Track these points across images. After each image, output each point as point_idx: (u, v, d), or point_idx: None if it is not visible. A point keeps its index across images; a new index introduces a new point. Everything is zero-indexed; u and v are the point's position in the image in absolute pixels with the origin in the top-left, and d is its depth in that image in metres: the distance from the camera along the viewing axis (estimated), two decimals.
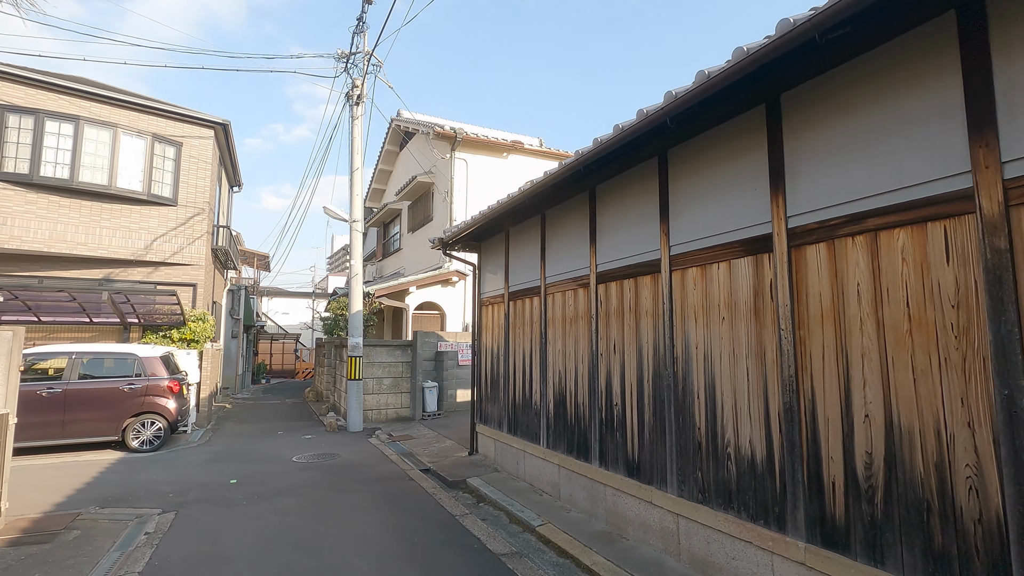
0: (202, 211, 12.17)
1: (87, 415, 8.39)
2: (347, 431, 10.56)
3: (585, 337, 5.49)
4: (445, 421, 11.12)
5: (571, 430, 5.62)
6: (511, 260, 7.32)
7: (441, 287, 13.58)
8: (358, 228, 11.00)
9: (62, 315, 10.32)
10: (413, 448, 8.81)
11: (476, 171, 14.21)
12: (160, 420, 8.80)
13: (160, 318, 10.99)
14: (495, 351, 7.68)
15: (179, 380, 9.21)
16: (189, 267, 11.96)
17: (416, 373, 11.58)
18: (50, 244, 10.48)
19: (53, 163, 10.45)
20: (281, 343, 31.37)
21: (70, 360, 8.48)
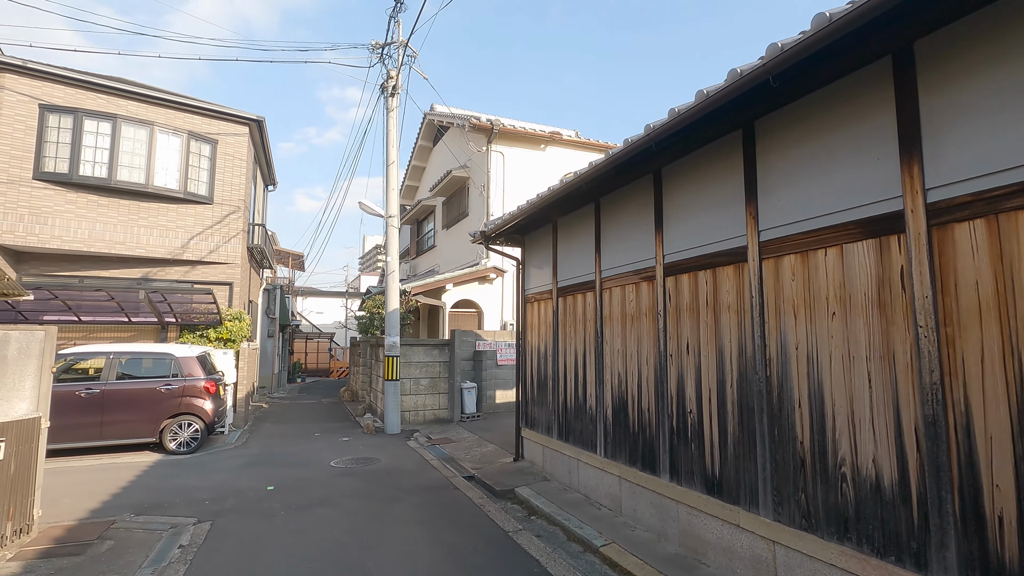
0: (237, 209, 12.02)
1: (125, 416, 8.24)
2: (384, 433, 10.22)
3: (650, 336, 4.94)
4: (485, 423, 10.69)
5: (634, 439, 5.08)
6: (560, 253, 6.81)
7: (478, 284, 13.16)
8: (394, 224, 10.65)
9: (101, 315, 10.27)
10: (454, 453, 8.39)
11: (513, 164, 13.74)
12: (197, 422, 8.60)
13: (197, 317, 10.87)
14: (542, 351, 7.18)
15: (216, 380, 9.01)
16: (225, 266, 11.82)
17: (454, 373, 11.18)
18: (89, 243, 10.45)
19: (92, 162, 10.41)
20: (316, 342, 31.56)
21: (108, 360, 8.34)
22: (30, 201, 10.02)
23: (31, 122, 10.11)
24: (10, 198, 9.87)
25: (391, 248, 10.64)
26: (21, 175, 9.98)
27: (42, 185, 10.14)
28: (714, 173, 4.22)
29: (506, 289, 13.55)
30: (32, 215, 10.02)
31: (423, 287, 12.24)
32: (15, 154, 9.95)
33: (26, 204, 9.99)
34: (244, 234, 12.39)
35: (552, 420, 6.74)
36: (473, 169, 13.90)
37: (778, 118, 3.66)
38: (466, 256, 14.33)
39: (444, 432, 10.11)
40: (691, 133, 4.06)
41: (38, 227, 10.06)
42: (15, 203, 9.90)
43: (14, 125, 9.97)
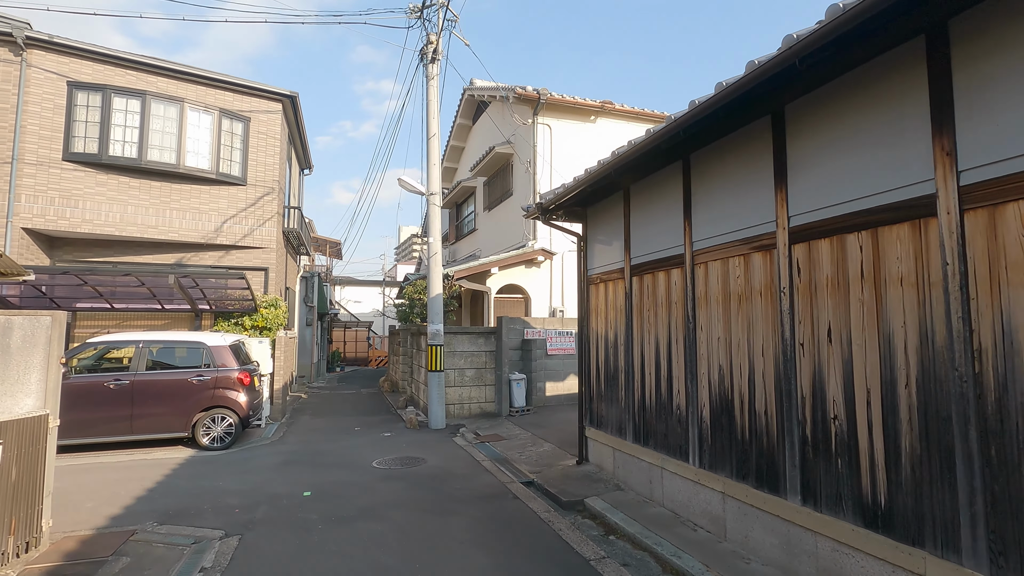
0: (272, 190, 11.42)
1: (155, 409, 7.70)
2: (428, 428, 9.47)
3: (768, 320, 3.92)
4: (536, 418, 9.82)
5: (743, 448, 4.09)
6: (633, 225, 5.81)
7: (525, 268, 12.24)
8: (436, 201, 9.82)
9: (134, 302, 9.83)
10: (507, 453, 7.54)
11: (561, 138, 12.70)
12: (231, 415, 8.01)
13: (231, 304, 10.33)
14: (611, 339, 6.22)
15: (250, 371, 8.40)
16: (260, 250, 11.25)
17: (501, 364, 10.32)
18: (121, 227, 10.00)
19: (121, 142, 9.92)
20: (354, 331, 31.37)
21: (137, 349, 7.81)
22: (60, 183, 9.61)
23: (59, 101, 9.66)
24: (40, 180, 9.46)
25: (433, 228, 9.82)
26: (50, 156, 9.56)
27: (72, 167, 9.71)
28: (868, 103, 3.16)
29: (555, 273, 12.59)
30: (62, 198, 9.61)
31: (466, 271, 11.41)
32: (44, 134, 9.53)
33: (56, 187, 9.57)
34: (279, 217, 11.79)
35: (625, 420, 5.79)
36: (518, 145, 12.93)
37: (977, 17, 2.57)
38: (510, 239, 13.42)
39: (493, 428, 9.28)
40: (836, 54, 3.00)
41: (68, 210, 9.64)
42: (45, 185, 9.49)
43: (42, 104, 9.54)
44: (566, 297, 12.57)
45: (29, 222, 9.30)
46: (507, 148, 13.18)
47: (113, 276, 8.32)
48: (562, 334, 11.26)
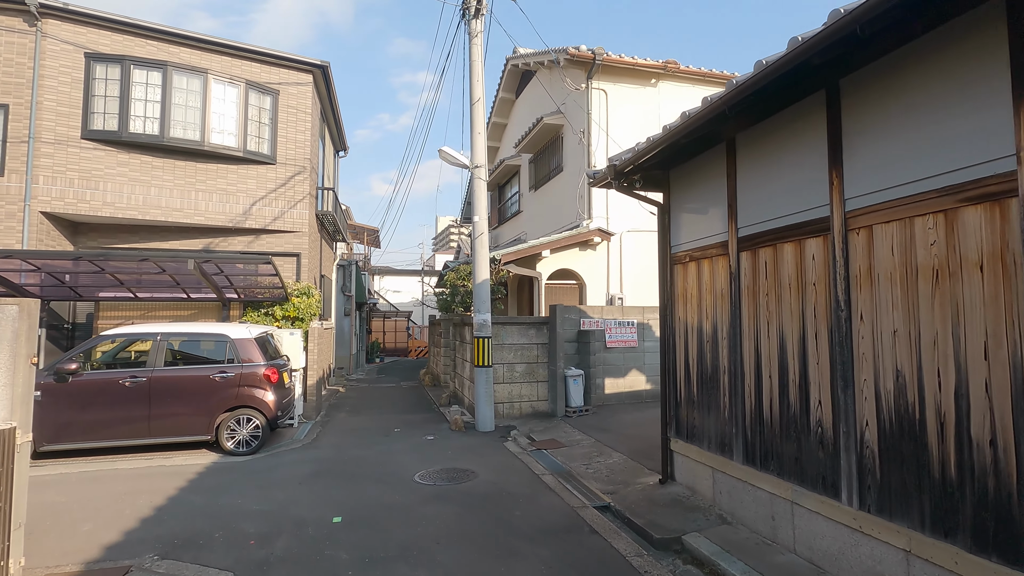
0: (303, 169, 10.53)
1: (175, 409, 6.90)
2: (475, 431, 8.43)
3: (991, 306, 2.62)
4: (597, 420, 8.64)
5: (945, 491, 2.81)
6: (741, 185, 4.53)
7: (579, 251, 11.01)
8: (481, 175, 8.68)
9: (159, 291, 9.13)
10: (570, 464, 6.41)
11: (618, 104, 11.34)
12: (257, 416, 7.14)
13: (261, 293, 9.51)
14: (707, 332, 4.97)
15: (278, 367, 7.52)
16: (291, 234, 10.40)
17: (556, 357, 9.17)
18: (144, 211, 9.28)
19: (142, 117, 9.17)
20: (393, 321, 30.82)
21: (155, 343, 7.01)
22: (79, 164, 8.93)
23: (77, 74, 8.96)
24: (58, 160, 8.80)
25: (478, 205, 8.70)
26: (69, 135, 8.88)
27: (91, 145, 9.01)
28: None
29: (612, 256, 11.29)
30: (82, 179, 8.93)
31: (514, 254, 10.27)
32: (61, 111, 8.85)
33: (75, 167, 8.90)
34: (311, 199, 10.91)
35: (731, 433, 4.55)
36: (569, 114, 11.64)
37: None
38: (560, 219, 12.20)
39: (548, 431, 8.16)
40: None
41: (89, 192, 8.97)
42: (64, 166, 8.83)
43: (59, 78, 8.85)
44: (625, 283, 11.28)
45: (48, 205, 8.66)
46: (557, 118, 11.91)
47: (130, 261, 7.56)
48: (622, 324, 10.02)
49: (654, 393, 10.18)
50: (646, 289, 11.32)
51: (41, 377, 6.64)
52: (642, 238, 11.38)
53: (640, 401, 10.07)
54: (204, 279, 7.97)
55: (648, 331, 10.23)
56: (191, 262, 7.19)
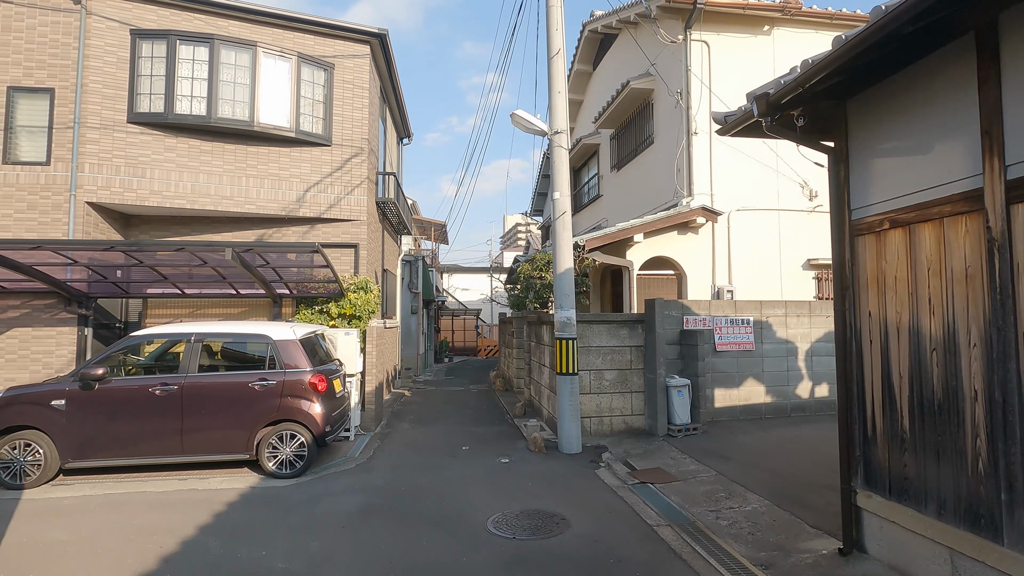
0: (361, 151, 9.46)
1: (209, 422, 5.90)
2: (559, 452, 6.94)
3: None
4: (710, 443, 6.92)
5: None
6: (1010, 94, 2.75)
7: (678, 234, 9.25)
8: (561, 142, 7.18)
9: (207, 287, 8.32)
10: (690, 507, 4.80)
11: (722, 58, 9.46)
12: (302, 432, 6.02)
13: (314, 288, 8.50)
14: (931, 333, 3.21)
15: (327, 373, 6.38)
16: (348, 223, 9.36)
17: (655, 363, 7.50)
18: (193, 199, 8.51)
19: (188, 96, 8.40)
20: (462, 319, 29.95)
21: (188, 346, 6.04)
22: (125, 150, 8.26)
23: (123, 53, 8.30)
24: (104, 147, 8.16)
25: (559, 178, 7.20)
26: (115, 119, 8.22)
27: (138, 130, 8.32)
28: None
29: (718, 241, 9.42)
30: (128, 166, 8.26)
31: (600, 239, 8.67)
32: (107, 93, 8.21)
33: (121, 153, 8.24)
34: (370, 184, 9.83)
35: (994, 500, 2.79)
36: (662, 75, 9.89)
37: None
38: (649, 201, 10.46)
39: (650, 456, 6.55)
40: None
41: (136, 181, 8.28)
42: (110, 152, 8.18)
43: (104, 58, 8.21)
44: (735, 272, 9.39)
45: (94, 195, 8.04)
46: (646, 82, 10.18)
47: (167, 251, 6.68)
48: (735, 323, 8.19)
49: (776, 408, 8.28)
50: (760, 280, 9.40)
51: (66, 383, 5.84)
52: (755, 219, 9.46)
53: (758, 417, 8.21)
54: (248, 272, 6.99)
55: (767, 331, 8.33)
56: (229, 251, 6.18)
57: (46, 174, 7.94)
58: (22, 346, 7.76)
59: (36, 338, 7.80)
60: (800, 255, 9.63)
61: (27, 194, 7.87)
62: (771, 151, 9.30)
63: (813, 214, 9.63)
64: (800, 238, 9.60)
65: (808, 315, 8.50)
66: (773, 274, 9.46)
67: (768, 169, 9.44)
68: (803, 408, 8.36)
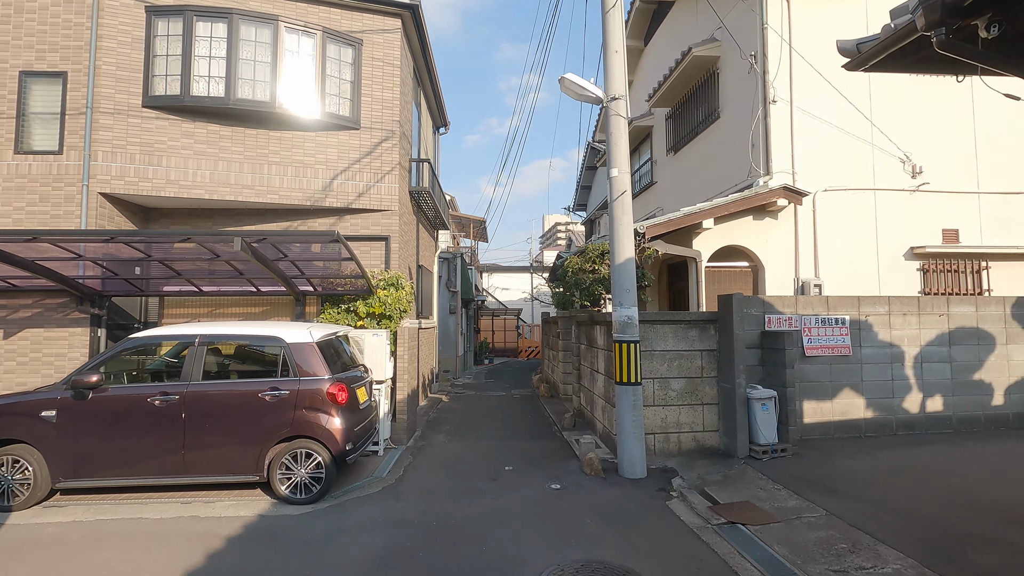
0: (392, 134, 8.61)
1: (214, 438, 5.10)
2: (619, 477, 5.85)
3: None
4: (807, 468, 5.68)
5: None
6: None
7: (753, 220, 7.98)
8: (619, 109, 6.09)
9: (227, 284, 7.62)
10: (804, 563, 3.64)
11: (804, 15, 8.12)
12: (319, 450, 5.16)
13: (341, 284, 7.68)
14: None
15: (348, 382, 5.50)
16: (379, 214, 8.52)
17: (733, 370, 6.31)
18: (212, 188, 7.83)
19: (206, 77, 7.72)
20: (502, 319, 29.04)
21: (191, 350, 5.26)
22: (140, 136, 7.64)
23: (137, 32, 7.69)
24: (118, 133, 7.57)
25: (616, 152, 6.12)
26: (129, 103, 7.62)
27: (153, 114, 7.70)
28: None
29: (802, 226, 8.07)
30: (143, 154, 7.64)
31: (663, 225, 7.50)
32: (122, 76, 7.61)
33: (136, 140, 7.63)
34: (402, 172, 8.97)
35: None
36: (732, 35, 8.61)
37: None
38: (714, 184, 9.20)
39: (732, 484, 5.38)
40: None
41: (151, 169, 7.65)
42: (124, 139, 7.58)
43: (119, 38, 7.62)
44: (823, 264, 8.03)
45: (107, 185, 7.46)
46: (711, 48, 8.94)
47: (172, 241, 5.94)
48: (827, 323, 6.90)
49: (878, 424, 6.94)
50: (853, 272, 8.04)
51: (57, 391, 5.14)
52: (845, 201, 8.08)
53: (857, 435, 6.89)
54: (263, 266, 6.19)
55: (866, 332, 6.99)
56: (238, 241, 5.37)
57: (58, 163, 7.40)
58: (34, 348, 7.23)
59: (48, 339, 7.26)
60: (901, 242, 8.18)
61: (39, 185, 7.35)
62: (864, 119, 7.90)
63: (917, 194, 8.15)
64: (901, 222, 8.16)
65: (917, 313, 7.10)
66: (868, 265, 8.06)
67: (861, 142, 8.04)
68: (911, 425, 6.98)
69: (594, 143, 18.99)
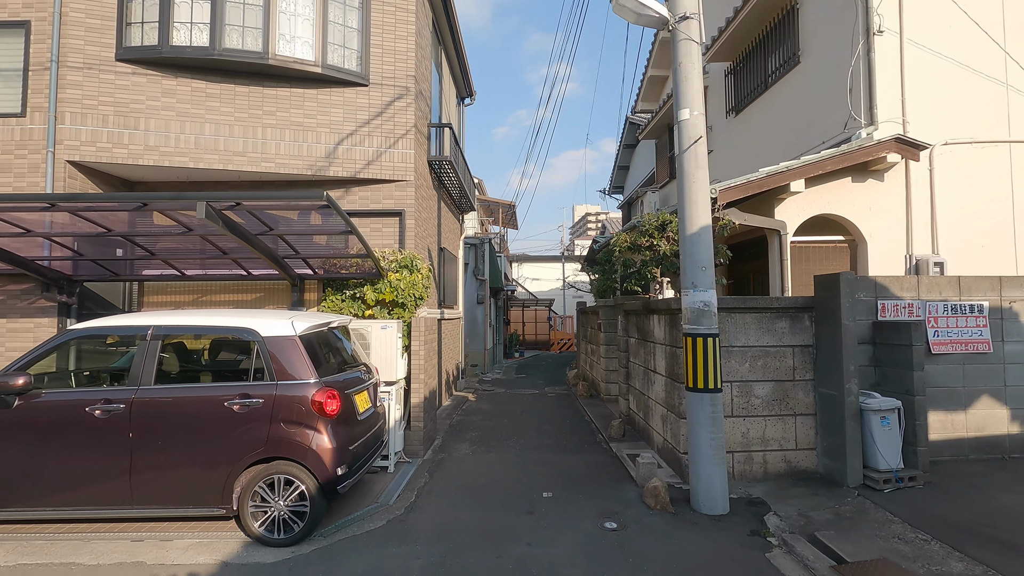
0: (406, 91, 7.33)
1: (168, 459, 3.94)
2: (695, 512, 4.47)
3: None
4: (952, 505, 4.20)
5: None
6: None
7: (851, 182, 6.41)
8: (690, 31, 4.67)
9: (214, 268, 6.50)
10: None
11: None
12: (302, 476, 3.94)
13: (347, 267, 6.47)
14: None
15: (344, 386, 4.27)
16: (390, 185, 7.27)
17: (839, 372, 4.85)
18: (197, 156, 6.71)
19: (188, 24, 6.58)
20: (533, 310, 27.69)
21: (141, 345, 4.10)
22: (114, 94, 6.56)
23: None
24: (89, 92, 6.50)
25: (688, 90, 4.70)
26: (101, 56, 6.54)
27: (129, 69, 6.60)
28: None
29: (915, 190, 6.43)
30: (118, 116, 6.55)
31: (741, 188, 6.01)
32: (92, 24, 6.54)
33: (109, 99, 6.54)
34: (419, 136, 7.70)
35: None
36: None
37: None
38: (789, 147, 7.63)
39: (847, 525, 3.94)
40: None
41: (127, 134, 6.57)
42: (95, 98, 6.51)
43: None
44: (942, 236, 6.40)
45: (76, 152, 6.41)
46: None
47: (125, 209, 4.79)
48: (958, 311, 5.35)
49: None
50: (982, 247, 6.41)
51: None
52: (972, 157, 6.44)
53: (999, 456, 5.34)
54: (245, 243, 5.00)
55: (1011, 323, 5.41)
56: (201, 206, 4.18)
57: (21, 128, 6.38)
58: None
59: (12, 332, 6.27)
60: None
61: (0, 154, 6.34)
62: (998, 50, 6.24)
63: None
64: None
65: None
66: (1003, 238, 6.42)
67: (992, 82, 6.38)
68: None
69: (633, 116, 17.38)
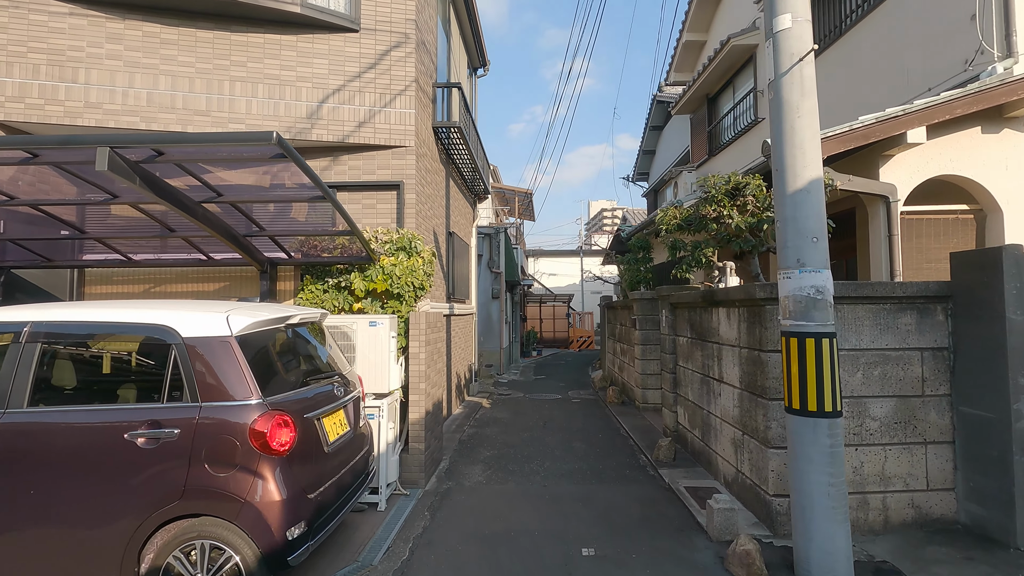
0: (405, 39, 6.04)
1: (42, 516, 2.68)
2: None
3: None
4: None
5: None
6: None
7: (981, 132, 4.95)
8: None
9: (163, 250, 5.27)
10: None
11: None
12: (235, 542, 2.66)
13: (329, 249, 5.19)
14: None
15: (303, 409, 2.98)
16: (387, 152, 5.99)
17: (996, 386, 3.45)
18: (150, 115, 5.50)
19: None
20: (551, 307, 26.34)
21: (12, 352, 2.86)
22: (48, 39, 5.36)
23: None
24: (15, 36, 5.31)
25: None
26: None
27: (66, 9, 5.39)
28: None
29: None
30: (53, 66, 5.35)
31: (844, 137, 4.55)
32: None
33: (42, 46, 5.35)
34: (422, 96, 6.40)
35: None
36: None
37: None
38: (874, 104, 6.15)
39: None
40: None
41: (64, 88, 5.36)
42: (23, 43, 5.32)
43: None
44: None
45: (0, 109, 5.22)
46: None
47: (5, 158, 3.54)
48: None
49: None
50: None
51: None
52: None
53: None
54: (183, 213, 3.74)
55: None
56: (103, 153, 2.93)
57: None
58: None
59: None
60: None
61: None
62: None
63: None
64: None
65: None
66: None
67: None
68: None
69: (661, 94, 15.91)
